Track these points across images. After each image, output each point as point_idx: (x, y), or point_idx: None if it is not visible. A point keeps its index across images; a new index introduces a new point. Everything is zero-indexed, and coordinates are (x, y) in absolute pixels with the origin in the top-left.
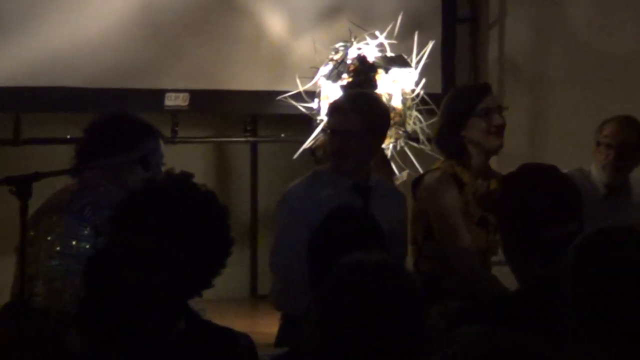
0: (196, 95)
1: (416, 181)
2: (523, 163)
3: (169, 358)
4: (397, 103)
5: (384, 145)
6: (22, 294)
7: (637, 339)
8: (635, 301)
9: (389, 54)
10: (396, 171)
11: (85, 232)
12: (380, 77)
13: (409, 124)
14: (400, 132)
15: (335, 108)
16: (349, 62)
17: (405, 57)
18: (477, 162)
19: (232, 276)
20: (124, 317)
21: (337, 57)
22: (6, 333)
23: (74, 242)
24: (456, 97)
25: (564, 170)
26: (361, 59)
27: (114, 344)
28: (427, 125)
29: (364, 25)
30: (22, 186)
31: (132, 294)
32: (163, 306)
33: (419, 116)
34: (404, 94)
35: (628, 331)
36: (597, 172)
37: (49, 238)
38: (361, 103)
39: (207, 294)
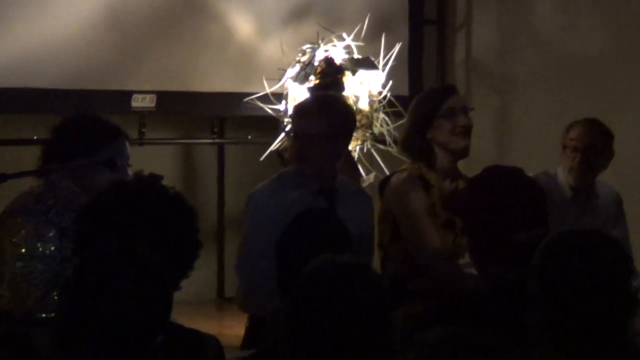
0: (163, 97)
1: (383, 183)
2: (488, 165)
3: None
4: (364, 105)
5: (350, 147)
6: None
7: (600, 340)
8: (599, 303)
9: (356, 56)
10: (363, 173)
11: (51, 234)
12: (348, 79)
13: (376, 126)
14: (367, 134)
15: (299, 111)
16: (316, 64)
17: (373, 59)
18: (444, 164)
19: (199, 279)
20: (113, 327)
21: (304, 59)
22: None
23: (39, 244)
24: (422, 99)
25: (531, 173)
26: (328, 61)
27: (96, 350)
28: (394, 128)
29: (332, 27)
30: None
31: (121, 304)
32: (151, 315)
33: (386, 118)
34: (371, 96)
35: (591, 332)
36: (563, 174)
37: (14, 240)
38: (325, 106)
39: (175, 296)
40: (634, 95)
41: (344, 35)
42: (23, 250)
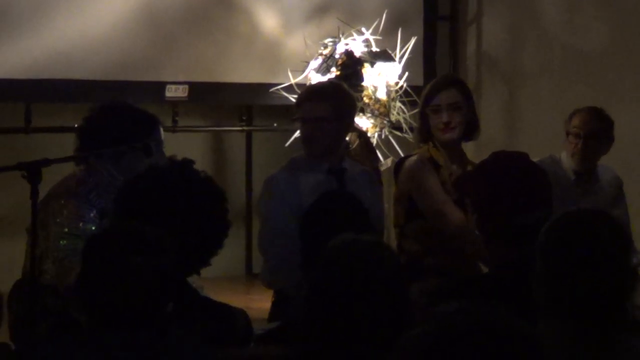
0: (195, 87)
1: (397, 166)
2: (495, 151)
3: (171, 332)
4: (382, 95)
5: (369, 134)
6: (33, 272)
7: (602, 314)
8: (601, 279)
9: (375, 49)
10: (381, 158)
11: (91, 214)
12: (366, 70)
13: (393, 114)
14: (385, 121)
15: (304, 98)
16: (337, 56)
17: (390, 52)
18: (442, 149)
19: (228, 256)
20: (115, 296)
21: (326, 51)
22: (18, 308)
23: (80, 224)
24: (425, 90)
25: (536, 158)
26: (348, 54)
27: (107, 321)
28: (410, 116)
29: (351, 22)
30: (32, 171)
31: (122, 274)
32: (152, 287)
33: (402, 107)
34: (388, 86)
35: (593, 307)
36: (566, 159)
37: (57, 220)
38: (329, 92)
39: (206, 272)
40: (634, 86)
41: (363, 29)
42: (66, 230)
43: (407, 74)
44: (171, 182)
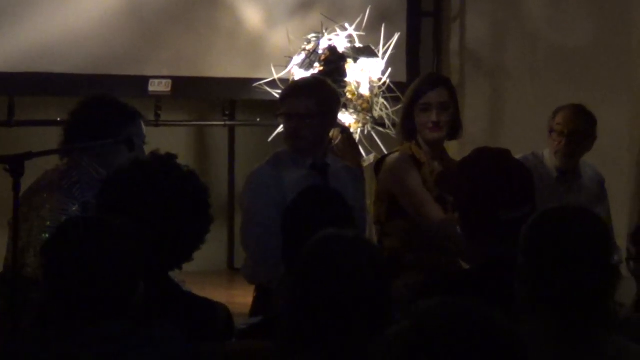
0: (178, 82)
1: (378, 163)
2: (477, 147)
3: (148, 325)
4: (365, 90)
5: (352, 130)
6: (15, 265)
7: (584, 310)
8: (583, 276)
9: (358, 44)
10: (364, 154)
11: (74, 208)
12: (350, 66)
13: (376, 110)
14: (368, 117)
15: (288, 93)
16: (320, 52)
17: (373, 47)
18: (426, 147)
19: (210, 251)
20: (77, 285)
21: (309, 47)
22: None
23: (63, 218)
24: (411, 87)
25: (520, 155)
26: (332, 49)
27: (72, 312)
28: (393, 112)
29: (335, 17)
30: (15, 165)
31: (82, 263)
32: (114, 275)
33: (385, 103)
34: (371, 82)
35: (575, 303)
36: (549, 156)
37: (40, 213)
38: (312, 87)
39: (187, 267)
40: (616, 83)
41: (347, 25)
42: (48, 223)
43: (390, 70)
44: (154, 177)
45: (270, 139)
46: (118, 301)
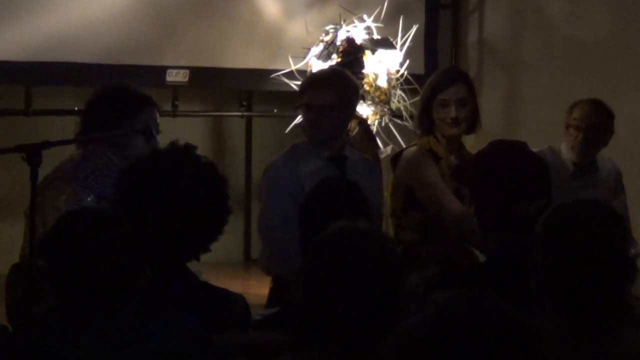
0: (196, 72)
1: (395, 157)
2: (494, 140)
3: (161, 315)
4: (382, 82)
5: (369, 121)
6: (31, 255)
7: (599, 304)
8: (598, 269)
9: (376, 36)
10: (381, 145)
11: (89, 198)
12: (367, 58)
13: (394, 102)
14: (385, 109)
15: (308, 84)
16: (338, 43)
17: (391, 39)
18: (443, 141)
19: (227, 241)
20: (78, 272)
21: (327, 38)
22: (15, 291)
23: None
24: (428, 82)
25: (536, 148)
26: (350, 41)
27: (74, 300)
28: (410, 104)
29: (353, 9)
30: (32, 154)
31: (90, 252)
32: (114, 263)
33: (403, 95)
34: (389, 74)
35: (591, 297)
36: (566, 151)
37: (55, 203)
38: (333, 79)
39: (204, 257)
40: (635, 76)
41: (365, 17)
42: None
43: (408, 62)
44: (173, 167)
45: (287, 130)
46: (119, 290)
